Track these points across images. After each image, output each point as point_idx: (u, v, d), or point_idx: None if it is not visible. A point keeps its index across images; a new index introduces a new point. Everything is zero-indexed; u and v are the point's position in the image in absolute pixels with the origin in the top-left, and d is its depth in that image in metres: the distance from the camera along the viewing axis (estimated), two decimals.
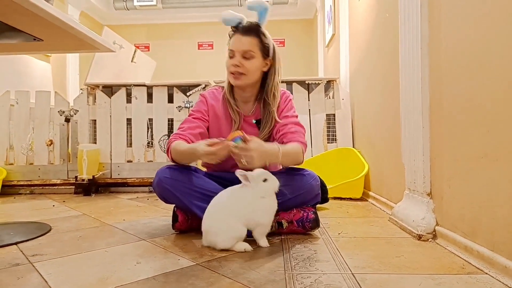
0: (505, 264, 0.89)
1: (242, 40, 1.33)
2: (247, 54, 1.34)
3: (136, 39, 5.59)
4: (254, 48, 1.34)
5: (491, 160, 0.97)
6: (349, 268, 0.99)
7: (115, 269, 1.01)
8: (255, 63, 1.36)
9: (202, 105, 1.47)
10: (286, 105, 1.44)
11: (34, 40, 1.52)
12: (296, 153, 1.31)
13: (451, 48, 1.19)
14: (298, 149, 1.32)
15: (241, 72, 1.34)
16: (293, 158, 1.32)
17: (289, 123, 1.39)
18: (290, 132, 1.36)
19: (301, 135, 1.38)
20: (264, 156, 1.18)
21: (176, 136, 1.38)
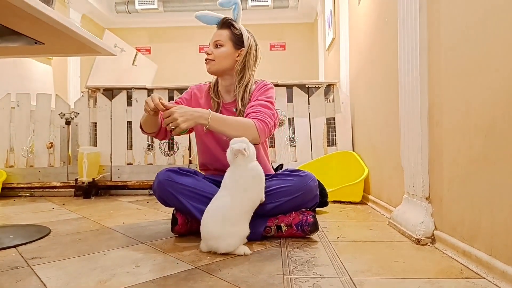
0: (503, 269, 0.89)
1: (216, 33, 1.49)
2: (217, 43, 1.47)
3: (138, 42, 5.62)
4: (224, 38, 1.46)
5: (489, 164, 0.97)
6: (347, 272, 0.99)
7: (114, 273, 1.01)
8: (223, 50, 1.46)
9: (186, 94, 1.59)
10: (261, 91, 1.48)
11: (36, 43, 1.53)
12: (242, 124, 1.32)
13: (449, 53, 1.20)
14: (246, 122, 1.33)
15: (210, 59, 1.47)
16: (237, 128, 1.31)
17: (256, 104, 1.41)
18: (253, 111, 1.38)
19: (265, 115, 1.36)
20: (187, 115, 1.25)
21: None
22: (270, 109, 1.40)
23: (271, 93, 1.48)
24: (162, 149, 2.72)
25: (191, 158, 2.72)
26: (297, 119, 2.74)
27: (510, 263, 0.88)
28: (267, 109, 1.39)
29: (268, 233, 1.36)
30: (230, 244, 1.16)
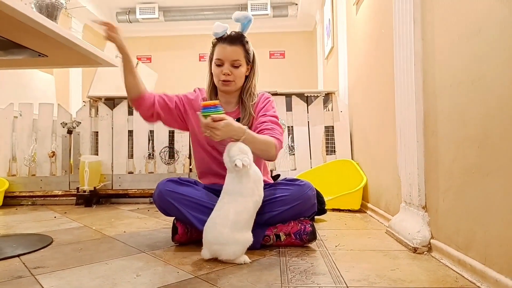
0: (496, 277, 0.90)
1: (230, 50, 1.43)
2: (236, 63, 1.44)
3: (139, 51, 5.68)
4: (241, 57, 1.45)
5: (483, 174, 1.00)
6: (344, 282, 1.01)
7: (115, 282, 1.03)
8: (242, 70, 1.47)
9: (190, 95, 1.60)
10: (265, 104, 1.51)
11: (39, 56, 1.57)
12: (267, 143, 1.34)
13: (443, 65, 1.23)
14: (270, 141, 1.35)
15: (231, 79, 1.44)
16: (262, 147, 1.33)
17: (267, 120, 1.44)
18: (267, 128, 1.41)
19: (278, 132, 1.41)
20: (228, 132, 1.24)
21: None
22: (279, 126, 1.46)
23: (275, 107, 1.53)
24: (163, 158, 2.75)
25: (191, 166, 2.74)
26: (296, 127, 2.77)
27: (503, 272, 0.90)
28: (277, 126, 1.44)
29: (267, 242, 1.38)
30: (235, 252, 1.17)
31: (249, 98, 1.51)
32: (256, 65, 1.53)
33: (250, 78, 1.52)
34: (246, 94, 1.51)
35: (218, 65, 1.46)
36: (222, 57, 1.44)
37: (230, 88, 1.48)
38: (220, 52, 1.44)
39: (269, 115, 1.47)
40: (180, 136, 2.76)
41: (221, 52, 1.44)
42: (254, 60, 1.52)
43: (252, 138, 1.30)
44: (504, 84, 0.90)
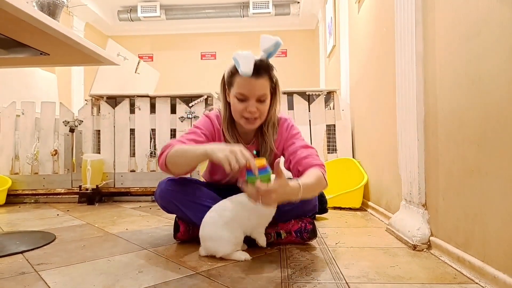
0: (494, 274, 0.91)
1: (257, 85, 1.23)
2: (262, 97, 1.26)
3: (140, 50, 5.69)
4: (267, 90, 1.27)
5: (482, 174, 1.00)
6: (344, 278, 1.02)
7: (118, 278, 1.04)
8: (267, 103, 1.30)
9: (210, 125, 1.38)
10: (289, 132, 1.38)
11: (41, 54, 1.58)
12: (318, 181, 1.22)
13: (444, 66, 1.23)
14: (319, 175, 1.22)
15: (256, 117, 1.28)
16: (316, 188, 1.24)
17: (298, 149, 1.33)
18: (303, 157, 1.30)
19: (315, 157, 1.31)
20: (284, 195, 1.08)
21: (178, 142, 1.30)
22: (312, 148, 1.36)
23: (297, 129, 1.41)
24: None
25: None
26: (297, 126, 2.77)
27: (501, 269, 0.90)
28: (310, 149, 1.35)
29: (268, 239, 1.38)
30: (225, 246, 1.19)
31: (271, 131, 1.36)
32: (279, 89, 1.34)
33: (273, 107, 1.34)
34: (268, 126, 1.35)
35: (240, 100, 1.26)
36: (248, 92, 1.24)
37: (255, 126, 1.32)
38: (244, 87, 1.23)
39: (296, 142, 1.36)
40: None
41: (246, 86, 1.23)
42: (277, 85, 1.33)
43: (308, 189, 1.15)
44: (504, 85, 0.91)
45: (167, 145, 1.28)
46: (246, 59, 1.19)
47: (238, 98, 1.26)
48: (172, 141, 1.30)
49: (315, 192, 1.27)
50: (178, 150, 1.22)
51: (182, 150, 1.22)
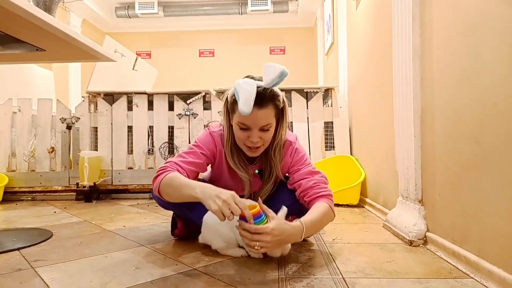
0: (489, 268, 0.92)
1: (259, 115, 1.15)
2: (265, 127, 1.18)
3: (138, 47, 5.67)
4: (272, 119, 1.19)
5: (478, 170, 1.01)
6: (340, 273, 1.02)
7: (115, 274, 1.04)
8: (272, 131, 1.22)
9: (211, 145, 1.30)
10: (293, 157, 1.31)
11: (37, 50, 1.57)
12: (325, 215, 1.17)
13: (441, 61, 1.23)
14: (325, 209, 1.17)
15: (259, 145, 1.21)
16: (321, 223, 1.19)
17: (304, 176, 1.26)
18: (309, 187, 1.24)
19: (322, 185, 1.24)
20: (282, 239, 1.02)
21: (175, 165, 1.22)
22: (319, 173, 1.29)
23: (304, 153, 1.33)
24: (162, 153, 2.76)
25: None
26: (295, 123, 2.77)
27: (496, 263, 0.91)
28: (317, 175, 1.28)
29: None
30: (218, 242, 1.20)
31: (278, 156, 1.28)
32: (286, 113, 1.25)
33: (280, 131, 1.25)
34: (275, 151, 1.27)
35: (242, 129, 1.19)
36: (250, 123, 1.16)
37: (258, 154, 1.26)
38: (246, 117, 1.14)
39: (302, 167, 1.29)
40: (179, 132, 2.77)
41: (248, 117, 1.14)
42: (285, 109, 1.24)
43: (312, 226, 1.12)
44: (500, 81, 0.91)
45: (163, 168, 1.21)
46: (247, 95, 1.08)
47: (240, 127, 1.19)
48: (169, 163, 1.23)
49: (320, 227, 1.23)
50: (172, 181, 1.14)
51: (175, 184, 1.13)
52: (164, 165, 1.23)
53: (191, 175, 1.24)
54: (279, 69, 1.11)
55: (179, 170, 1.21)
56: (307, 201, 1.23)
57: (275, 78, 1.11)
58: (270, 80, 1.12)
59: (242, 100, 1.08)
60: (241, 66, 5.49)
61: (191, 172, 1.24)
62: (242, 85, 1.10)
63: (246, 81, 1.12)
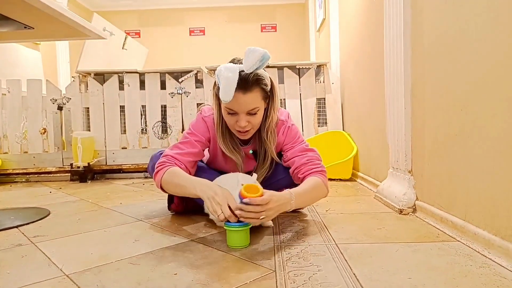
0: (475, 231, 0.96)
1: (245, 100, 1.14)
2: (253, 111, 1.18)
3: (127, 26, 5.55)
4: (259, 102, 1.18)
5: (465, 137, 1.04)
6: (333, 240, 1.06)
7: (115, 247, 1.07)
8: (261, 113, 1.22)
9: (205, 131, 1.32)
10: (286, 135, 1.32)
11: (25, 28, 1.54)
12: (315, 188, 1.20)
13: (432, 35, 1.24)
14: (316, 183, 1.20)
15: (248, 129, 1.22)
16: (313, 195, 1.22)
17: (297, 154, 1.29)
18: (303, 163, 1.26)
19: (315, 161, 1.27)
20: (278, 208, 1.05)
21: (172, 159, 1.24)
22: (312, 150, 1.31)
23: (297, 131, 1.34)
24: (156, 133, 2.76)
25: None
26: (288, 100, 2.78)
27: (481, 226, 0.95)
28: (311, 152, 1.30)
29: None
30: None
31: (271, 137, 1.28)
32: (275, 94, 1.24)
33: (270, 112, 1.25)
34: (267, 133, 1.28)
35: (230, 114, 1.20)
36: (236, 108, 1.16)
37: (248, 137, 1.27)
38: (231, 102, 1.14)
39: (296, 145, 1.31)
40: (172, 111, 2.76)
41: (234, 102, 1.14)
42: (273, 87, 1.23)
43: (302, 197, 1.14)
44: (488, 49, 0.93)
45: (161, 163, 1.23)
46: (226, 83, 1.08)
47: (228, 112, 1.19)
48: (167, 157, 1.25)
49: (312, 200, 1.25)
50: (172, 178, 1.18)
51: (176, 182, 1.17)
52: (161, 160, 1.25)
53: (189, 166, 1.27)
54: (260, 53, 1.10)
55: (177, 164, 1.23)
56: (301, 177, 1.25)
57: (256, 62, 1.10)
58: (250, 65, 1.11)
59: (222, 88, 1.08)
60: (233, 44, 5.42)
61: (189, 163, 1.26)
62: (223, 72, 1.10)
63: (228, 67, 1.11)
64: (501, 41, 0.87)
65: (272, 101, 1.25)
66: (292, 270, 0.84)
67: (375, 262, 0.88)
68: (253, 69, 1.12)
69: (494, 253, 0.88)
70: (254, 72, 1.13)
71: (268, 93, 1.22)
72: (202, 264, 0.91)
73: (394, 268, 0.84)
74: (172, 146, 1.31)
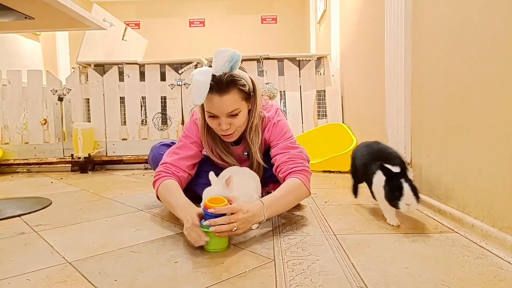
0: (472, 223, 0.98)
1: (223, 102, 1.12)
2: (233, 112, 1.15)
3: (126, 17, 5.51)
4: (238, 102, 1.15)
5: (463, 130, 1.05)
6: (332, 230, 1.07)
7: (116, 236, 1.08)
8: (243, 115, 1.19)
9: (197, 133, 1.31)
10: (272, 131, 1.29)
11: (25, 18, 1.54)
12: (291, 192, 1.14)
13: (432, 27, 1.24)
14: (293, 185, 1.15)
15: (232, 131, 1.20)
16: (289, 199, 1.15)
17: (279, 151, 1.24)
18: (283, 161, 1.22)
19: (297, 160, 1.21)
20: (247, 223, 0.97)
21: (170, 167, 1.26)
22: (295, 148, 1.25)
23: (284, 127, 1.29)
24: (156, 124, 2.76)
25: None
26: (288, 92, 2.78)
27: (478, 217, 0.97)
28: (292, 149, 1.24)
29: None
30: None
31: (254, 137, 1.26)
32: (256, 92, 1.21)
33: (252, 113, 1.23)
34: (251, 133, 1.26)
35: (212, 117, 1.17)
36: (216, 111, 1.14)
37: (233, 139, 1.25)
38: (211, 106, 1.13)
39: (280, 142, 1.26)
40: (172, 102, 2.76)
41: (213, 105, 1.13)
42: (254, 88, 1.21)
43: (275, 204, 1.08)
44: (486, 41, 0.93)
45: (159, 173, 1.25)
46: (197, 86, 1.05)
47: (209, 115, 1.17)
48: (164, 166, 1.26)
49: (289, 205, 1.17)
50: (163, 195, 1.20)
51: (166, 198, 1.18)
52: (159, 169, 1.27)
53: (188, 169, 1.28)
54: (229, 53, 1.08)
55: (175, 172, 1.25)
56: (281, 177, 1.22)
57: (225, 63, 1.08)
58: (219, 66, 1.08)
59: (193, 91, 1.07)
60: (233, 36, 5.39)
61: (187, 167, 1.28)
62: (196, 75, 1.08)
63: (201, 70, 1.09)
64: (501, 35, 0.87)
65: (254, 102, 1.22)
66: (291, 260, 0.86)
67: (372, 252, 0.90)
68: (223, 71, 1.09)
69: (491, 244, 0.89)
70: (229, 74, 1.11)
71: (249, 93, 1.19)
72: (202, 252, 0.92)
73: (391, 258, 0.85)
74: (169, 152, 1.31)
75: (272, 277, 0.77)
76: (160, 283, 0.75)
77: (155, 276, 0.78)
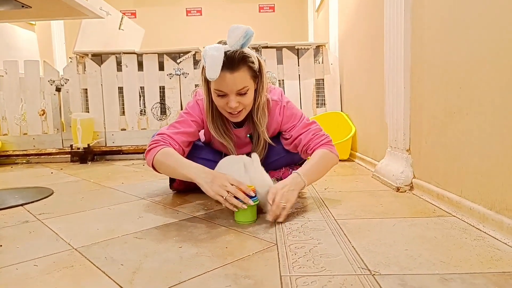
0: (470, 206, 1.00)
1: (233, 79, 1.13)
2: (242, 90, 1.16)
3: (122, 6, 5.44)
4: (247, 80, 1.16)
5: (462, 114, 1.06)
6: (332, 216, 1.09)
7: (120, 223, 1.10)
8: (251, 93, 1.20)
9: (199, 112, 1.32)
10: (284, 114, 1.32)
11: (22, 7, 1.52)
12: (324, 158, 1.23)
13: (432, 11, 1.24)
14: (323, 153, 1.23)
15: (240, 110, 1.20)
16: (322, 166, 1.23)
17: (302, 131, 1.30)
18: (309, 139, 1.28)
19: (319, 134, 1.29)
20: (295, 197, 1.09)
21: (167, 138, 1.25)
22: (314, 123, 1.32)
23: (293, 108, 1.34)
24: (155, 114, 2.76)
25: None
26: (287, 81, 2.78)
27: (476, 201, 0.98)
28: (313, 125, 1.31)
29: None
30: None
31: (261, 119, 1.27)
32: (263, 73, 1.22)
33: (259, 93, 1.23)
34: (258, 113, 1.26)
35: (220, 96, 1.18)
36: (225, 89, 1.15)
37: (241, 118, 1.24)
38: (220, 83, 1.14)
39: (297, 122, 1.31)
40: (171, 92, 2.76)
41: (223, 83, 1.13)
42: (261, 67, 1.21)
43: (311, 173, 1.18)
44: (486, 28, 0.93)
45: (155, 141, 1.23)
46: (212, 61, 1.06)
47: (217, 94, 1.18)
48: (161, 136, 1.25)
49: (323, 171, 1.25)
50: (165, 158, 1.19)
51: (169, 162, 1.18)
52: (156, 137, 1.25)
53: (184, 145, 1.28)
54: (243, 29, 1.09)
55: (172, 143, 1.23)
56: (310, 153, 1.27)
57: (240, 38, 1.09)
58: (234, 41, 1.10)
59: (208, 66, 1.07)
60: (230, 25, 5.34)
61: (183, 143, 1.27)
62: (208, 51, 1.08)
63: (213, 46, 1.10)
64: (501, 20, 0.88)
65: (261, 80, 1.23)
66: (293, 243, 0.87)
67: (372, 235, 0.91)
68: (238, 46, 1.11)
69: (489, 227, 0.91)
70: (240, 51, 1.12)
71: (256, 72, 1.20)
72: (205, 238, 0.94)
73: (391, 240, 0.87)
74: (169, 126, 1.32)
75: (275, 259, 0.78)
76: (166, 267, 0.76)
77: (161, 261, 0.80)
